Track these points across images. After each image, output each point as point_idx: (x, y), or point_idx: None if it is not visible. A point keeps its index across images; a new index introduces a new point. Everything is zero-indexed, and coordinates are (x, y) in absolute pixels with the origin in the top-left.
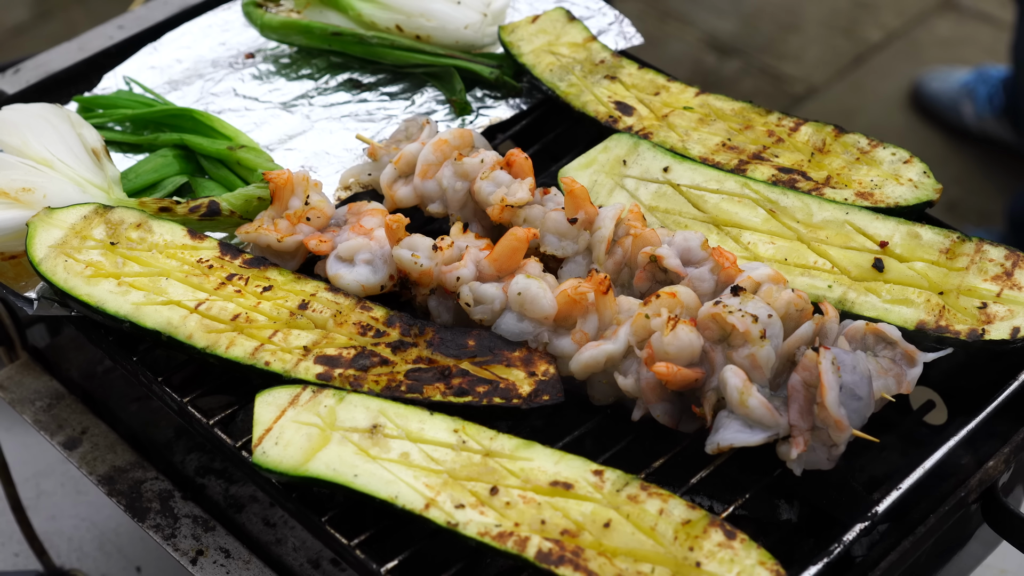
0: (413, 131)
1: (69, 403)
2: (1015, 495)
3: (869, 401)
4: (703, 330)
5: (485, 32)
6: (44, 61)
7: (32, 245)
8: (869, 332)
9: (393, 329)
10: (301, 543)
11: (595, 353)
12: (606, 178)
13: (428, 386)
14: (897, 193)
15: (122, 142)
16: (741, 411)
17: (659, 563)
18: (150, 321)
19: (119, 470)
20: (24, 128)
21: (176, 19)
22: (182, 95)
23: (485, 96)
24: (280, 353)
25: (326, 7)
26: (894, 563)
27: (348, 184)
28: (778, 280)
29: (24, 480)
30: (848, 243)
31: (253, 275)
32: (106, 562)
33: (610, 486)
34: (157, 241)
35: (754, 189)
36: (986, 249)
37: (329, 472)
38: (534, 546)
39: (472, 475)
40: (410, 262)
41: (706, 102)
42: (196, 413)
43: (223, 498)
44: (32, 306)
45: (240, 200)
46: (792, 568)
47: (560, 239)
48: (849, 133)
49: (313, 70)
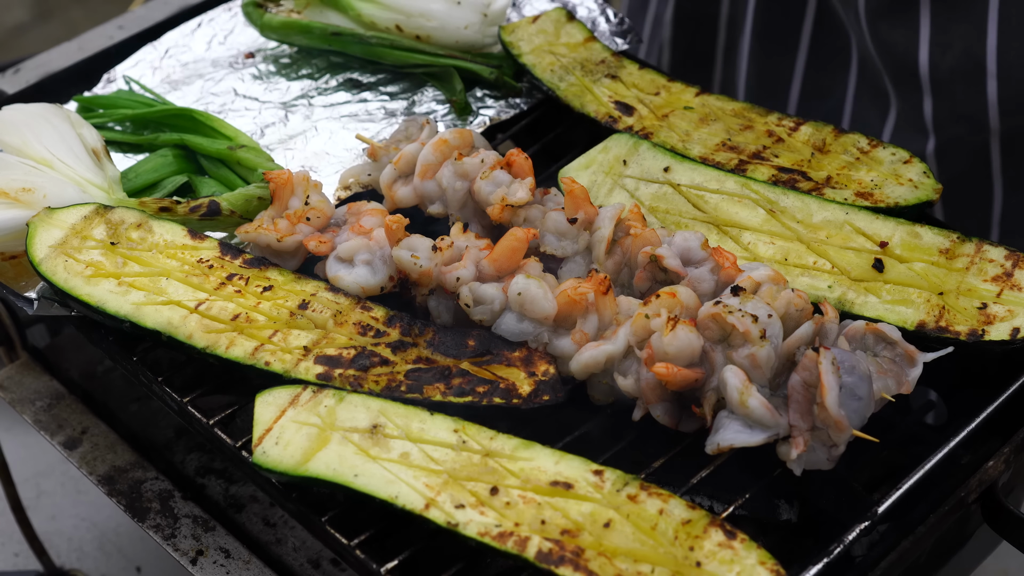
0: (413, 131)
1: (69, 403)
2: (1015, 495)
3: (869, 401)
4: (703, 330)
5: (485, 32)
6: (44, 61)
7: (32, 245)
8: (869, 332)
9: (393, 329)
10: (301, 543)
11: (595, 353)
12: (606, 178)
13: (428, 386)
14: (897, 193)
15: (122, 142)
16: (741, 411)
17: (659, 563)
18: (150, 321)
19: (119, 470)
20: (24, 128)
21: (176, 19)
22: (182, 95)
23: (485, 96)
24: (280, 353)
25: (326, 7)
26: (894, 563)
27: (348, 184)
28: (778, 280)
29: (24, 480)
30: (848, 243)
31: (253, 275)
32: (106, 562)
33: (610, 486)
34: (157, 241)
35: (754, 189)
36: (986, 249)
37: (329, 472)
38: (534, 546)
39: (472, 475)
40: (410, 262)
41: (706, 102)
42: (196, 413)
43: (223, 498)
44: (32, 306)
45: (240, 200)
46: (792, 568)
47: (560, 239)
48: (849, 133)
49: (313, 70)
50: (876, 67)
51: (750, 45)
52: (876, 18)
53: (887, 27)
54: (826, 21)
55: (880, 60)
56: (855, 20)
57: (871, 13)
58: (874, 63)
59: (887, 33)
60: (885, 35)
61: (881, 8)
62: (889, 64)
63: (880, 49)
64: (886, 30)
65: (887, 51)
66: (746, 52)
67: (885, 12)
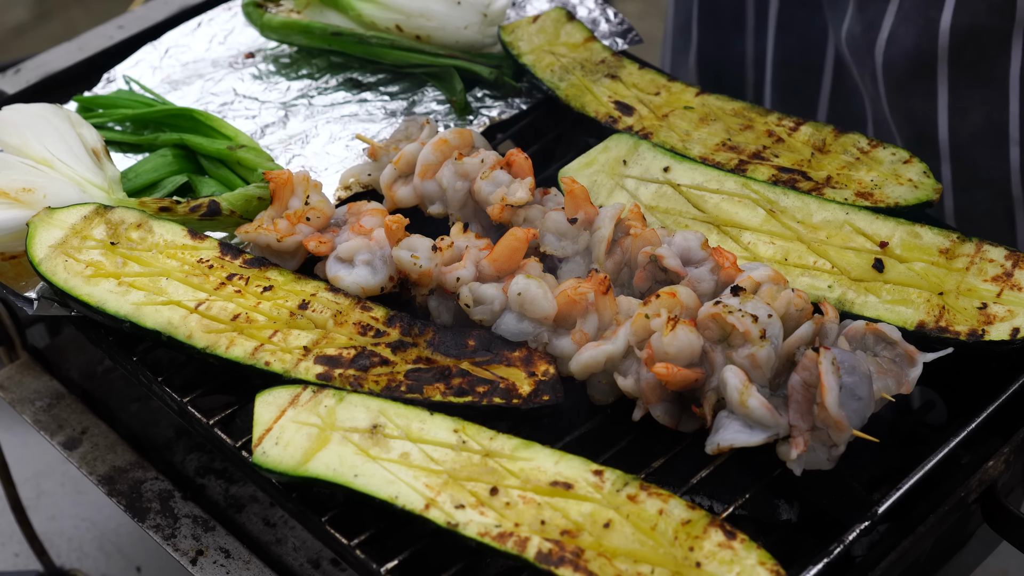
0: (413, 131)
1: (69, 403)
2: (1015, 495)
3: (869, 401)
4: (703, 330)
5: (485, 32)
6: (44, 61)
7: (32, 245)
8: (869, 332)
9: (393, 329)
10: (301, 543)
11: (595, 353)
12: (606, 178)
13: (428, 386)
14: (897, 193)
15: (122, 142)
16: (741, 411)
17: (659, 563)
18: (150, 321)
19: (119, 470)
20: (24, 128)
21: (176, 19)
22: (182, 95)
23: (485, 96)
24: (280, 353)
25: (326, 7)
26: (894, 563)
27: (348, 184)
28: (778, 280)
29: (24, 480)
30: (848, 243)
31: (253, 275)
32: (106, 562)
33: (610, 486)
34: (157, 241)
35: (754, 189)
36: (986, 249)
37: (329, 472)
38: (534, 546)
39: (472, 475)
40: (409, 263)
41: (706, 102)
42: (196, 413)
43: (223, 498)
44: (32, 306)
45: (240, 200)
46: (792, 568)
47: (560, 239)
48: (849, 133)
49: (313, 70)
50: (890, 131)
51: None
52: (893, 83)
53: (904, 92)
54: (843, 84)
55: (895, 124)
56: (871, 83)
57: (888, 78)
58: (888, 127)
59: (904, 98)
60: (902, 100)
61: (898, 73)
62: (904, 128)
63: (896, 113)
64: (903, 95)
65: (903, 116)
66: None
67: (902, 77)
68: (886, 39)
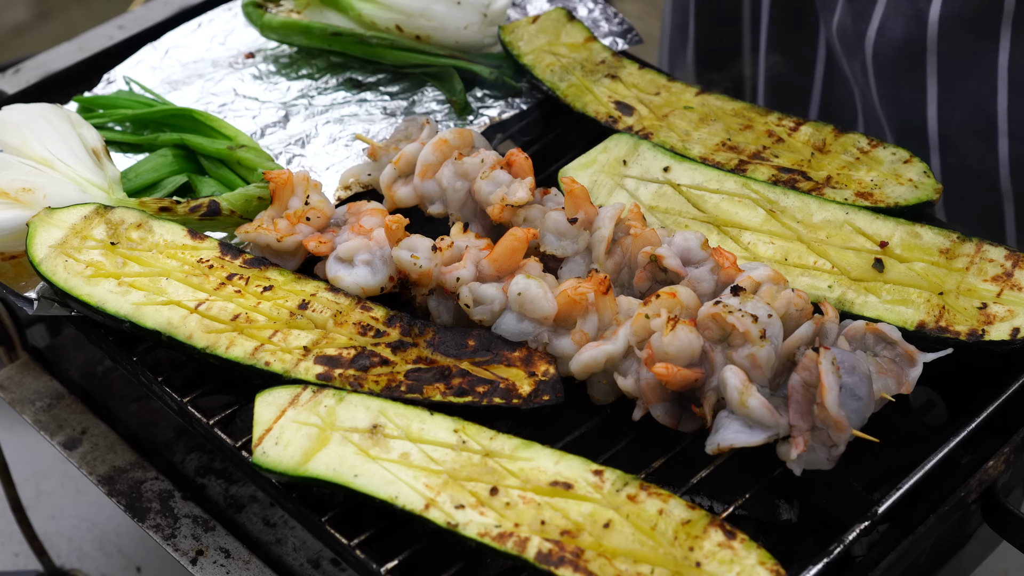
0: (413, 131)
1: (69, 403)
2: (1015, 495)
3: (869, 401)
4: (703, 330)
5: (485, 32)
6: (44, 61)
7: (32, 245)
8: (869, 332)
9: (393, 329)
10: (301, 543)
11: (595, 353)
12: (606, 178)
13: (428, 386)
14: (897, 193)
15: (122, 142)
16: (741, 411)
17: (659, 563)
18: (150, 321)
19: (119, 470)
20: (24, 128)
21: (176, 19)
22: (182, 95)
23: (485, 96)
24: (280, 353)
25: (326, 7)
26: (894, 563)
27: (348, 184)
28: (778, 280)
29: (24, 480)
30: (848, 243)
31: (253, 275)
32: (106, 562)
33: (610, 486)
34: (157, 241)
35: (754, 189)
36: (986, 249)
37: (329, 472)
38: (534, 547)
39: (472, 475)
40: (409, 263)
41: (706, 102)
42: (196, 413)
43: (223, 498)
44: (32, 306)
45: (240, 200)
46: (792, 568)
47: (560, 239)
48: (849, 133)
49: (313, 70)
50: (880, 122)
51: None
52: (882, 74)
53: (894, 83)
54: (834, 75)
55: (884, 115)
56: (861, 74)
57: (878, 69)
58: (878, 118)
59: (894, 89)
60: (891, 91)
61: (888, 64)
62: (894, 119)
63: (885, 104)
64: (893, 86)
65: (893, 107)
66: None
67: (892, 68)
68: (876, 30)
